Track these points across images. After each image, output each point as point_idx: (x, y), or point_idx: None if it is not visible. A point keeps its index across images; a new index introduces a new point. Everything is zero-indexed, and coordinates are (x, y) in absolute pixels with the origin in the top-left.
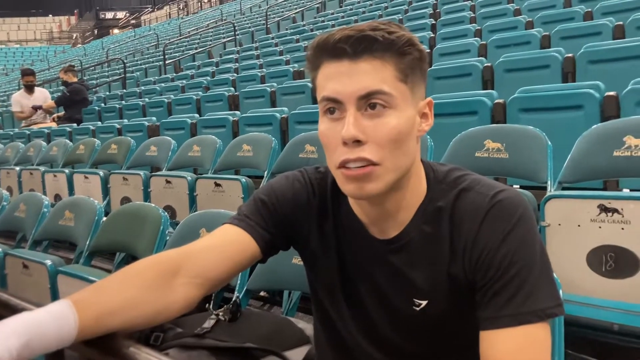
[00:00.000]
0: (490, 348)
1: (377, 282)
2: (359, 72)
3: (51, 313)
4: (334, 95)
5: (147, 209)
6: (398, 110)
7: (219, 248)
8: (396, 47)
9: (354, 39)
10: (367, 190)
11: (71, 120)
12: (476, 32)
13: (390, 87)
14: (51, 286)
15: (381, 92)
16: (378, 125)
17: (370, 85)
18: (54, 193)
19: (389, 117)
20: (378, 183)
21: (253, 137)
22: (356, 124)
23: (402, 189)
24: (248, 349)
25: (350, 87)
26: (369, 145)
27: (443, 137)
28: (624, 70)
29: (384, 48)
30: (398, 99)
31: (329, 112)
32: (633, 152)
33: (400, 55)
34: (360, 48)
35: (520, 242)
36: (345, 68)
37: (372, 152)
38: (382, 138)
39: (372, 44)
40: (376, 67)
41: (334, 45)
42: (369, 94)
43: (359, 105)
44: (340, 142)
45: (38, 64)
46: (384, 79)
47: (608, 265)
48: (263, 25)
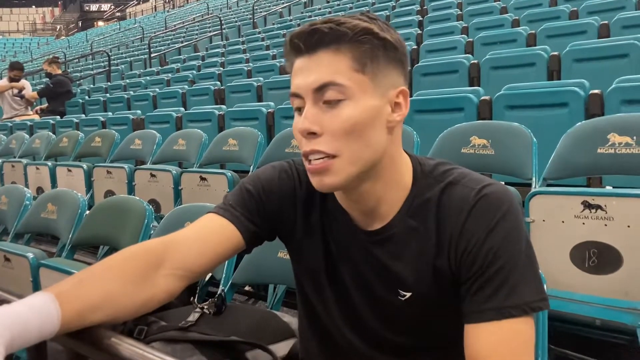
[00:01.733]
0: (474, 341)
1: (361, 273)
2: (313, 65)
3: (33, 308)
4: (294, 90)
5: (131, 203)
6: (354, 100)
7: (202, 238)
8: (348, 37)
9: (305, 34)
10: (327, 183)
11: (54, 113)
12: (463, 29)
13: (344, 78)
14: (33, 279)
15: (333, 83)
16: (332, 117)
17: (322, 78)
18: (36, 186)
19: (343, 108)
20: (337, 176)
21: (239, 131)
22: (311, 116)
23: (376, 181)
24: (233, 342)
25: (305, 80)
26: (324, 137)
27: (429, 133)
28: (608, 69)
29: (336, 39)
30: (354, 89)
31: (297, 109)
32: (617, 149)
33: (356, 44)
34: (313, 42)
35: (505, 236)
36: (303, 63)
37: (326, 144)
38: (336, 129)
39: (323, 37)
40: (330, 59)
41: (291, 42)
42: (321, 86)
43: (315, 99)
44: (301, 135)
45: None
46: (337, 70)
47: (591, 261)
48: (250, 20)
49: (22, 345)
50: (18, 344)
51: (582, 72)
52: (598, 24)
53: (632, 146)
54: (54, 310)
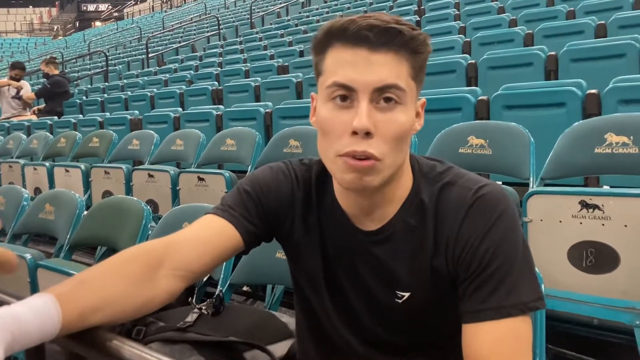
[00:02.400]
0: (472, 341)
1: (359, 273)
2: (377, 63)
3: (34, 310)
4: (348, 83)
5: (129, 203)
6: (406, 107)
7: (202, 239)
8: (414, 44)
9: (379, 28)
10: (366, 183)
11: (52, 113)
12: (460, 29)
13: (404, 82)
14: (31, 280)
15: (397, 86)
16: (388, 120)
17: (387, 78)
18: (34, 186)
19: (399, 113)
20: (377, 177)
21: (237, 131)
22: (369, 115)
23: (391, 183)
24: (231, 342)
25: (367, 76)
26: (376, 139)
27: (427, 133)
28: (605, 69)
29: (404, 43)
30: (408, 96)
31: (339, 99)
32: (614, 149)
33: (415, 52)
34: (383, 39)
35: (502, 236)
36: (362, 57)
37: (377, 147)
38: (390, 133)
39: (395, 37)
40: (394, 61)
41: (356, 32)
42: (385, 86)
43: (372, 97)
44: (346, 131)
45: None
46: (399, 74)
47: (588, 260)
48: (247, 20)
49: (23, 347)
50: (19, 346)
51: (580, 72)
52: (595, 24)
53: (629, 146)
54: (55, 312)
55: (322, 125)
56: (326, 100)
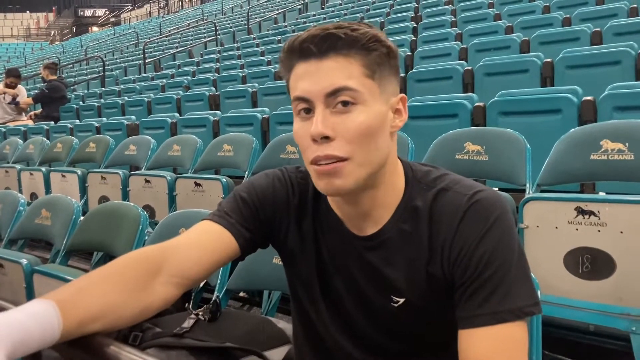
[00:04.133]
0: (468, 347)
1: (354, 279)
2: (325, 69)
3: (35, 317)
4: (303, 95)
5: (125, 208)
6: (366, 105)
7: (199, 246)
8: (360, 43)
9: (318, 37)
10: (337, 186)
11: (48, 118)
12: (457, 35)
13: (356, 83)
14: (27, 285)
15: (347, 88)
16: (346, 122)
17: (336, 82)
18: (30, 191)
19: (356, 112)
20: (348, 179)
21: (234, 137)
22: (324, 121)
23: (377, 187)
24: (228, 348)
25: (317, 85)
26: (337, 141)
27: (424, 139)
28: (601, 76)
29: (348, 45)
30: (365, 95)
31: (303, 112)
32: (609, 155)
33: (366, 51)
34: (325, 46)
35: (497, 242)
36: (313, 67)
37: (340, 149)
38: (350, 134)
39: (336, 42)
40: (342, 64)
41: (301, 45)
42: (335, 90)
43: (327, 103)
44: (310, 140)
45: (15, 61)
46: (350, 75)
47: (584, 266)
48: (244, 26)
49: (23, 354)
50: (19, 353)
51: (575, 78)
52: (590, 31)
53: (625, 152)
54: (56, 320)
55: (295, 139)
56: (295, 115)
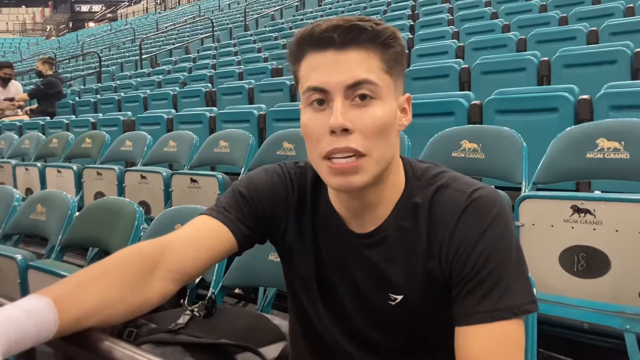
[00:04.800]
0: (465, 344)
1: (352, 276)
2: (346, 61)
3: (31, 313)
4: (320, 85)
5: (121, 204)
6: (383, 101)
7: (196, 241)
8: (381, 38)
9: (342, 28)
10: (354, 183)
11: (44, 114)
12: (454, 34)
13: (376, 77)
14: (21, 281)
15: (369, 81)
16: (365, 115)
17: (358, 75)
18: (25, 187)
19: (375, 107)
20: (364, 175)
21: (230, 133)
22: (344, 113)
23: (382, 183)
24: (223, 345)
25: (337, 76)
26: (356, 135)
27: (420, 137)
28: (597, 75)
29: (371, 39)
30: (383, 90)
31: (316, 103)
32: (605, 154)
33: (385, 47)
34: (349, 37)
35: (496, 240)
36: (330, 58)
37: (358, 142)
38: (369, 128)
39: (360, 34)
40: (363, 57)
41: (321, 34)
42: (356, 83)
43: (346, 95)
44: (325, 132)
45: (10, 56)
46: (370, 69)
47: (580, 265)
48: (241, 22)
49: (18, 350)
50: (15, 349)
51: (572, 77)
52: (587, 30)
53: (620, 151)
54: (52, 316)
55: (304, 130)
56: (305, 106)
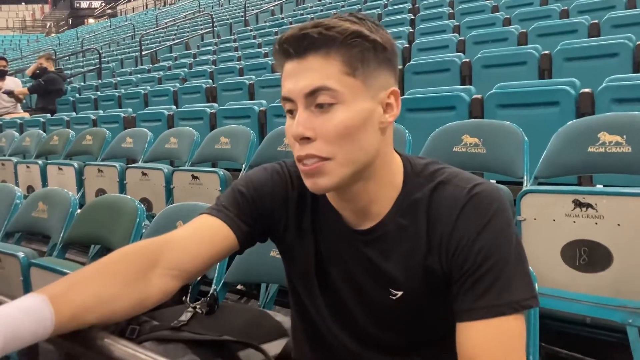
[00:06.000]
0: (466, 340)
1: (352, 273)
2: (303, 70)
3: (27, 311)
4: (286, 94)
5: (122, 201)
6: (346, 105)
7: (196, 239)
8: (338, 41)
9: (293, 38)
10: (320, 185)
11: (45, 111)
12: (455, 28)
13: (335, 82)
14: (24, 279)
15: (325, 88)
16: (325, 122)
17: (313, 83)
18: (26, 184)
19: (336, 112)
20: (331, 177)
21: (231, 129)
22: (304, 121)
23: (368, 181)
24: (225, 342)
25: (297, 85)
26: (318, 141)
27: (421, 132)
28: (599, 68)
29: (325, 44)
30: (345, 94)
31: (289, 112)
32: (607, 148)
33: (346, 48)
34: (302, 47)
35: (496, 235)
36: (293, 67)
37: (320, 148)
38: (329, 134)
39: (313, 42)
40: (320, 64)
41: (281, 46)
42: (312, 90)
43: (307, 103)
44: (295, 139)
45: (10, 53)
46: (328, 75)
47: (582, 259)
48: (241, 18)
49: (15, 349)
50: (11, 348)
51: (573, 71)
52: (588, 23)
53: (622, 145)
54: (48, 314)
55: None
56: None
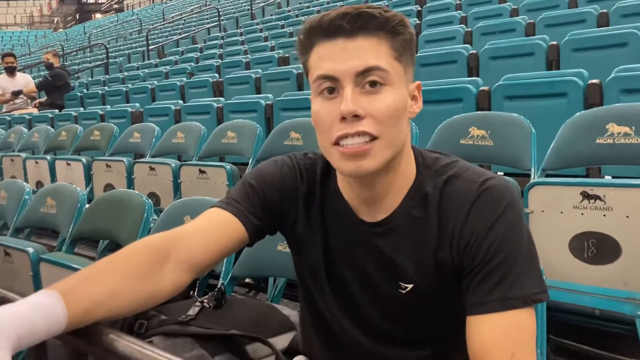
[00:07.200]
0: (477, 333)
1: (362, 265)
2: (355, 48)
3: (40, 308)
4: (330, 73)
5: (130, 196)
6: (394, 87)
7: (207, 233)
8: (390, 25)
9: (350, 15)
10: (365, 167)
11: (53, 106)
12: (462, 19)
13: (386, 64)
14: (34, 274)
15: (379, 68)
16: (375, 101)
17: (367, 62)
18: (35, 180)
19: (386, 93)
20: (375, 160)
21: (238, 123)
22: (354, 99)
23: (392, 171)
24: (233, 336)
25: (347, 63)
26: (367, 119)
27: (428, 124)
28: (607, 58)
29: (379, 26)
30: (393, 77)
31: (326, 91)
32: (615, 139)
33: (394, 34)
34: (357, 25)
35: (507, 229)
36: (340, 46)
37: (370, 126)
38: (380, 113)
39: (369, 21)
40: (373, 44)
41: (330, 23)
42: (366, 69)
43: (356, 82)
44: (336, 119)
45: (18, 49)
46: (380, 56)
47: (590, 251)
48: (248, 11)
49: (29, 344)
50: (24, 344)
51: (581, 61)
52: (597, 12)
53: (631, 136)
54: (61, 310)
55: (315, 119)
56: (315, 95)
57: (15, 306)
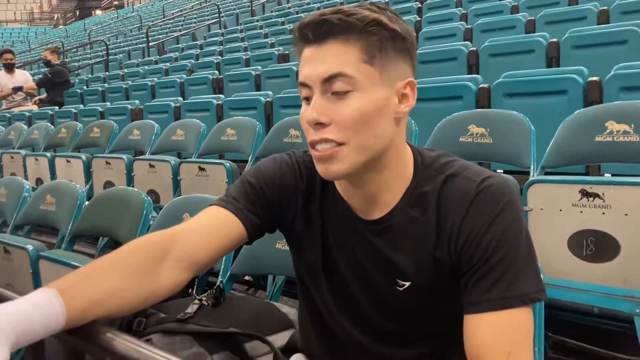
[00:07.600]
0: (474, 331)
1: (360, 263)
2: (321, 56)
3: (38, 306)
4: (303, 80)
5: (130, 193)
6: (362, 92)
7: (206, 230)
8: (357, 28)
9: (314, 23)
10: (333, 171)
11: (53, 103)
12: (462, 16)
13: (353, 69)
14: (33, 271)
15: (342, 74)
16: (341, 108)
17: (331, 69)
18: (35, 177)
19: (352, 99)
20: (343, 163)
21: (237, 121)
22: (319, 107)
23: (382, 171)
24: (231, 333)
25: (314, 71)
26: (332, 127)
27: (427, 122)
28: (607, 56)
29: (345, 30)
30: (362, 81)
31: (305, 99)
32: (615, 137)
33: (365, 35)
34: (321, 32)
35: (506, 228)
36: (311, 53)
37: (334, 133)
38: (344, 120)
39: (332, 28)
40: (339, 50)
41: (300, 31)
42: (330, 77)
43: (323, 89)
44: (310, 125)
45: (18, 45)
46: (346, 62)
47: (589, 249)
48: (248, 8)
49: (27, 342)
50: (23, 342)
51: (581, 58)
52: (597, 9)
53: (630, 134)
54: (59, 308)
55: (300, 122)
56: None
57: (14, 304)
